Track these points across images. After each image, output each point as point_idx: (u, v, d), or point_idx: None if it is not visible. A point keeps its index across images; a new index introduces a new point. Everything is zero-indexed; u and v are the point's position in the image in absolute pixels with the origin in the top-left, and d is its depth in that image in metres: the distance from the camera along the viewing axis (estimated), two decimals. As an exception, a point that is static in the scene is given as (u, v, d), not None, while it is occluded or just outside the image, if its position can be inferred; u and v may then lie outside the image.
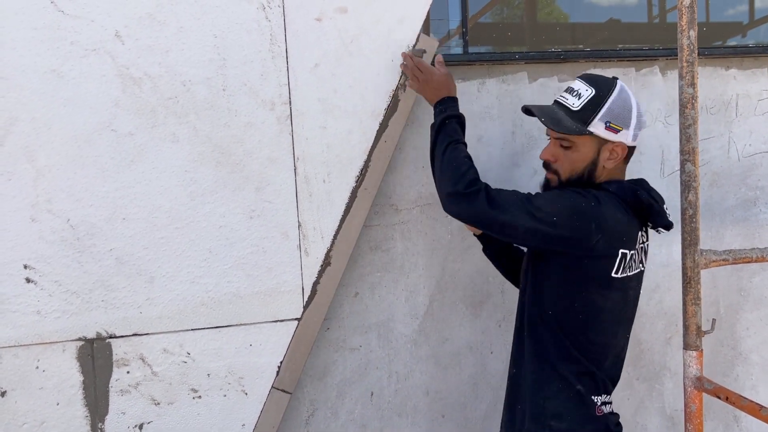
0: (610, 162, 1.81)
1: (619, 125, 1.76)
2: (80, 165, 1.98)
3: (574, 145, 1.81)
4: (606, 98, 1.77)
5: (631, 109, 1.78)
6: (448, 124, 1.90)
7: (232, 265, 2.11)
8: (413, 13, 2.22)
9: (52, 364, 2.01)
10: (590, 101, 1.77)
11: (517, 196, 1.72)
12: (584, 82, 1.81)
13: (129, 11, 1.99)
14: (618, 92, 1.78)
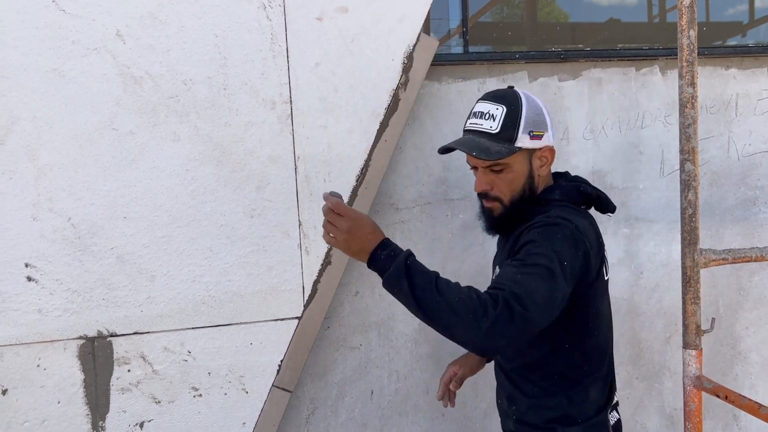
0: (544, 169, 1.73)
1: (540, 130, 1.68)
2: (81, 164, 1.98)
3: (507, 166, 1.68)
4: (520, 110, 1.67)
5: (542, 111, 1.71)
6: (413, 264, 1.46)
7: (232, 264, 2.11)
8: (413, 13, 2.22)
9: (53, 362, 2.01)
10: (507, 118, 1.66)
11: (523, 275, 1.46)
12: (490, 102, 1.70)
13: (130, 10, 1.99)
14: (526, 99, 1.69)
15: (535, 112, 1.69)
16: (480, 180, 1.73)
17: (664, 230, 2.68)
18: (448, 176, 2.47)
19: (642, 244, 2.66)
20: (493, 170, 1.70)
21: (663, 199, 2.67)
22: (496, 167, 1.69)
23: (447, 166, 2.47)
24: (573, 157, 2.58)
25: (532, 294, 1.40)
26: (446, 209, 2.48)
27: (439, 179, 2.46)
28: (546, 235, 1.57)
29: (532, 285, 1.43)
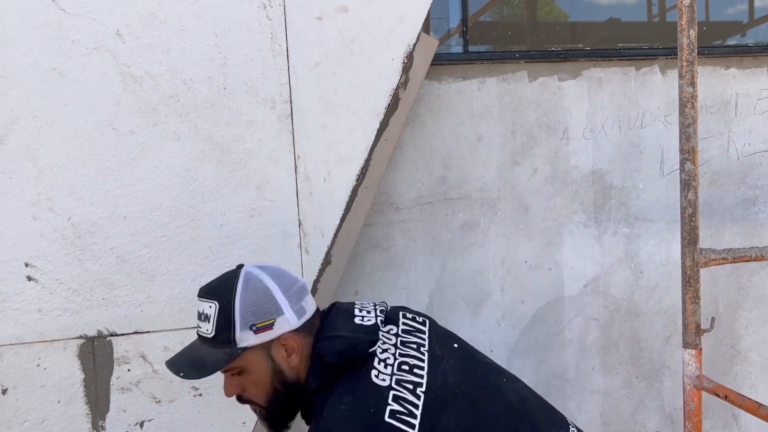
0: (294, 358, 1.42)
1: (266, 320, 1.38)
2: (81, 163, 1.98)
3: (244, 368, 1.42)
4: (233, 303, 1.38)
5: (269, 293, 1.40)
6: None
7: (233, 263, 2.10)
8: (414, 12, 2.22)
9: (53, 362, 2.01)
10: (219, 316, 1.38)
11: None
12: (204, 299, 1.43)
13: (130, 10, 1.99)
14: (243, 286, 1.39)
15: (256, 298, 1.39)
16: (226, 384, 1.47)
17: (663, 230, 2.68)
18: (448, 176, 2.47)
19: (642, 244, 2.66)
20: (234, 374, 1.44)
21: (663, 198, 2.67)
22: (233, 370, 1.43)
23: (447, 166, 2.47)
24: (573, 156, 2.58)
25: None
26: (446, 209, 2.48)
27: (439, 179, 2.46)
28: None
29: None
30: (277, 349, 1.41)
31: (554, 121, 2.56)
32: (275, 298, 1.40)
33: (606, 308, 2.66)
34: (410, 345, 1.43)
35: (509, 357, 2.56)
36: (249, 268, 1.45)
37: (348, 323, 1.43)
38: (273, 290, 1.41)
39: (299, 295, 1.44)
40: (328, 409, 1.30)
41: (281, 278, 1.44)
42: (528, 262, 2.57)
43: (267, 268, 1.46)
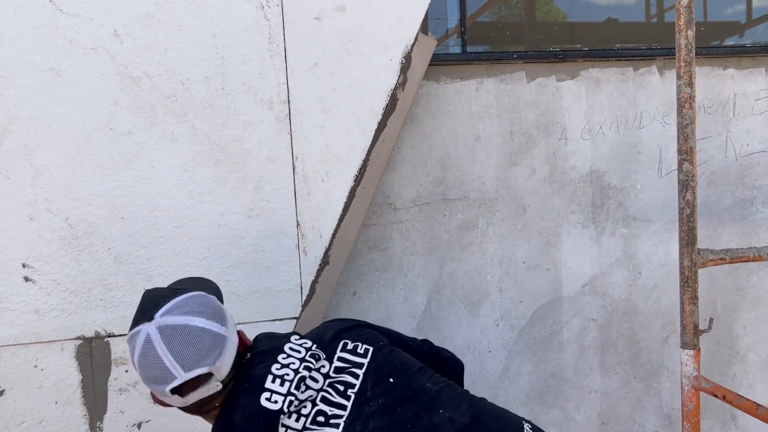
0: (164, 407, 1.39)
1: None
2: (79, 164, 1.98)
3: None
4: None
5: (136, 367, 1.31)
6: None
7: (230, 264, 2.11)
8: (412, 12, 2.22)
9: (51, 362, 2.00)
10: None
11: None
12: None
13: (128, 10, 1.98)
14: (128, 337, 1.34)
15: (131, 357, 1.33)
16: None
17: (662, 230, 2.68)
18: (446, 176, 2.47)
19: (640, 244, 2.66)
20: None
21: (661, 198, 2.67)
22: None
23: (445, 166, 2.47)
24: (571, 156, 2.58)
25: None
26: (444, 209, 2.48)
27: (437, 179, 2.46)
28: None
29: None
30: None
31: (552, 121, 2.56)
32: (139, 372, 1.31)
33: (604, 308, 2.66)
34: (337, 387, 1.39)
35: (507, 357, 2.56)
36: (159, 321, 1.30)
37: (250, 399, 1.32)
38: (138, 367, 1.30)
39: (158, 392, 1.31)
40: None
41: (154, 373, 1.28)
42: (526, 262, 2.57)
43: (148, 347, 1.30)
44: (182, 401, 1.30)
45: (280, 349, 1.39)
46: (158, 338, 1.27)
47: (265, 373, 1.34)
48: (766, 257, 2.05)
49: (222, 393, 1.34)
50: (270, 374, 1.34)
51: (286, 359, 1.37)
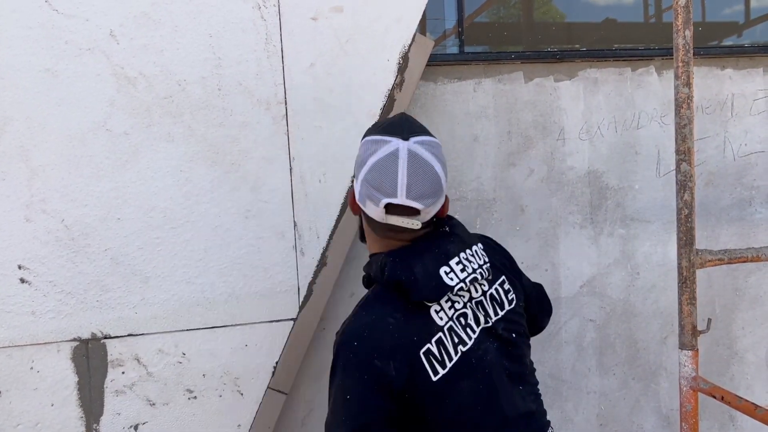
0: (363, 220, 1.51)
1: (355, 172, 1.47)
2: (75, 165, 1.97)
3: None
4: (365, 135, 1.47)
5: (362, 165, 1.41)
6: None
7: (227, 265, 2.10)
8: (409, 13, 2.21)
9: (47, 364, 2.00)
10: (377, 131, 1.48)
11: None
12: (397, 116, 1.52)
13: (124, 10, 1.98)
14: (372, 139, 1.42)
15: (361, 158, 1.43)
16: None
17: (660, 230, 2.68)
18: (443, 177, 2.46)
19: (638, 245, 2.66)
20: None
21: (659, 199, 2.67)
22: None
23: (443, 167, 2.46)
24: (568, 157, 2.58)
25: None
26: (442, 210, 2.47)
27: (434, 180, 2.45)
28: (333, 371, 1.39)
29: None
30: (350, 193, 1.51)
31: (550, 121, 2.56)
32: (361, 171, 1.40)
33: (602, 309, 2.66)
34: (482, 309, 1.47)
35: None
36: (410, 145, 1.39)
37: (429, 265, 1.40)
38: (365, 165, 1.39)
39: (370, 197, 1.39)
40: (377, 315, 1.37)
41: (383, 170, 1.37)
42: (524, 263, 2.57)
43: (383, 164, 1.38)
44: (381, 216, 1.39)
45: (470, 244, 1.48)
46: (405, 157, 1.37)
47: (455, 253, 1.43)
48: (764, 258, 2.04)
49: (408, 236, 1.43)
50: (457, 256, 1.43)
51: (471, 256, 1.46)
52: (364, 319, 1.38)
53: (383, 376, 1.32)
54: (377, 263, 1.43)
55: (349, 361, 1.35)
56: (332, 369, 1.37)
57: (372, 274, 1.46)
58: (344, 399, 1.33)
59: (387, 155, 1.38)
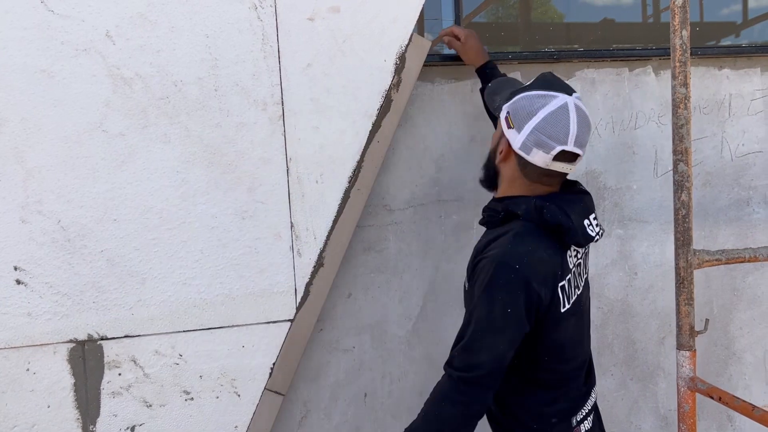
0: (500, 157, 1.70)
1: (513, 121, 1.64)
2: (71, 166, 1.97)
3: (495, 127, 1.80)
4: (524, 91, 1.65)
5: (531, 116, 1.60)
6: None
7: (224, 267, 2.10)
8: (406, 13, 2.21)
9: (43, 366, 1.99)
10: (518, 89, 1.69)
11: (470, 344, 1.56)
12: (542, 74, 1.73)
13: (120, 11, 1.97)
14: (535, 93, 1.62)
15: (526, 107, 1.62)
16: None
17: (657, 231, 2.68)
18: (440, 177, 2.46)
19: (636, 245, 2.66)
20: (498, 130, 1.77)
21: (657, 199, 2.67)
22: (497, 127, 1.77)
23: (440, 167, 2.46)
24: (566, 157, 2.57)
25: (477, 367, 1.53)
26: (439, 210, 2.47)
27: (431, 180, 2.45)
28: (489, 285, 1.55)
29: (481, 358, 1.54)
30: (502, 141, 1.69)
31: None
32: (528, 122, 1.60)
33: (600, 309, 2.66)
34: (584, 263, 1.80)
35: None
36: (561, 101, 1.60)
37: (578, 215, 1.65)
38: (534, 119, 1.60)
39: (539, 145, 1.60)
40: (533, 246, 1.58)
41: (554, 122, 1.59)
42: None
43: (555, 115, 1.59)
44: (546, 162, 1.61)
45: (589, 210, 1.73)
46: (573, 110, 1.59)
47: (592, 210, 1.73)
48: (761, 258, 2.04)
49: (556, 182, 1.69)
50: (593, 213, 1.72)
51: (594, 219, 1.72)
52: (523, 248, 1.57)
53: (536, 299, 1.55)
54: (527, 204, 1.63)
55: (511, 280, 1.53)
56: (488, 284, 1.54)
57: (520, 213, 1.64)
58: (504, 311, 1.52)
59: (558, 108, 1.59)
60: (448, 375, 1.57)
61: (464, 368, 1.53)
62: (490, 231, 1.73)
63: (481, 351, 1.54)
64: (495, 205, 1.74)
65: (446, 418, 1.54)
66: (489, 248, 1.62)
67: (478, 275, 1.59)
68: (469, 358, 1.54)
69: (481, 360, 1.53)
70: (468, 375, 1.53)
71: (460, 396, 1.54)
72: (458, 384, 1.54)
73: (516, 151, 1.64)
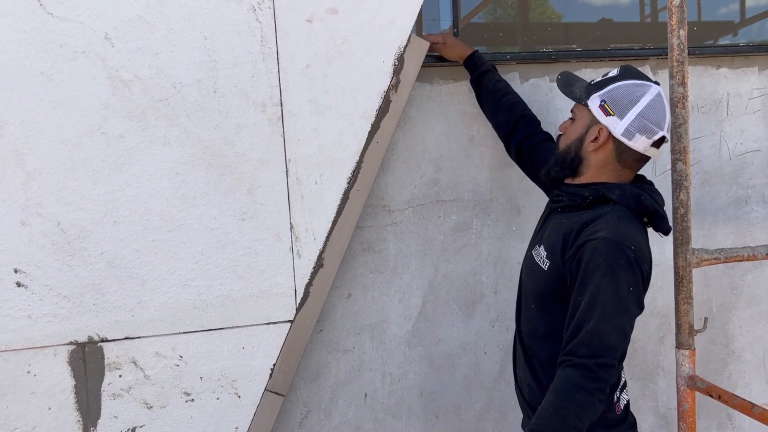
0: (592, 145, 1.78)
1: (612, 109, 1.74)
2: (70, 168, 1.97)
3: (576, 117, 1.85)
4: (617, 80, 1.76)
5: (634, 103, 1.72)
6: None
7: (224, 268, 2.10)
8: (404, 14, 2.22)
9: (44, 368, 2.00)
10: (605, 79, 1.79)
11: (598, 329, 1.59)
12: (618, 68, 1.83)
13: (118, 13, 1.98)
14: (631, 82, 1.75)
15: (627, 95, 1.73)
16: (565, 121, 1.92)
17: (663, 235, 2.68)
18: (440, 178, 2.46)
19: (635, 244, 2.66)
20: (571, 118, 1.89)
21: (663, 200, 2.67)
22: (573, 115, 1.88)
23: (439, 168, 2.46)
24: (565, 157, 2.58)
25: (611, 349, 1.59)
26: (438, 211, 2.47)
27: (431, 181, 2.46)
28: (610, 266, 1.61)
29: (612, 340, 1.59)
30: (593, 129, 1.78)
31: (546, 122, 2.55)
32: (632, 108, 1.73)
33: (599, 309, 2.66)
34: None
35: (503, 359, 2.56)
36: (655, 89, 1.77)
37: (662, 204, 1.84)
38: (637, 105, 1.73)
39: (643, 131, 1.74)
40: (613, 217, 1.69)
41: (654, 108, 1.74)
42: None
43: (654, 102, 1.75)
44: (644, 147, 1.75)
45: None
46: (663, 99, 1.76)
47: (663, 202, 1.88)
48: (760, 256, 2.05)
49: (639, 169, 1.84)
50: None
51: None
52: (631, 231, 1.67)
53: (646, 279, 1.68)
54: (622, 190, 1.74)
55: (630, 260, 1.61)
56: (609, 266, 1.61)
57: (614, 198, 1.73)
58: (629, 291, 1.61)
59: (656, 96, 1.74)
60: (575, 365, 1.57)
61: (597, 353, 1.56)
62: (571, 215, 1.79)
63: (611, 333, 1.58)
64: (578, 190, 1.81)
65: (583, 407, 1.55)
66: (591, 230, 1.68)
67: (590, 257, 1.63)
68: (601, 342, 1.57)
69: (613, 342, 1.58)
70: (602, 360, 1.56)
71: (595, 383, 1.55)
72: (592, 371, 1.55)
73: (617, 137, 1.74)
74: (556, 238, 1.76)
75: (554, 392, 1.59)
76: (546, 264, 1.78)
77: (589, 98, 1.78)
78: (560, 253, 1.73)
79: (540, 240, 1.88)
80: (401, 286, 2.45)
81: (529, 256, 1.91)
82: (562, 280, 1.73)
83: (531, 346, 1.88)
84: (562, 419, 1.55)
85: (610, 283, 1.60)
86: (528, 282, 1.91)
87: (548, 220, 1.90)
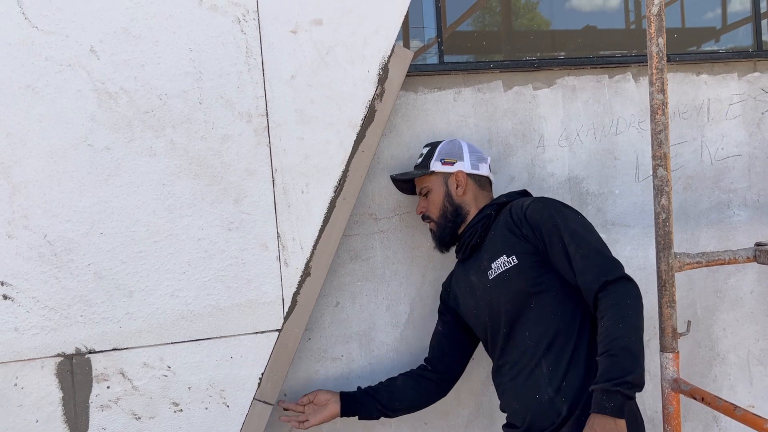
0: (459, 190, 2.20)
1: (452, 159, 2.20)
2: (57, 180, 1.98)
3: (430, 189, 2.22)
4: (437, 146, 2.25)
5: (460, 148, 2.23)
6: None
7: (211, 278, 2.11)
8: (388, 24, 2.24)
9: (31, 381, 1.99)
10: (428, 153, 2.25)
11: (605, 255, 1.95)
12: (425, 147, 2.30)
13: (104, 26, 1.99)
14: (446, 142, 2.26)
15: (451, 147, 2.24)
16: (418, 206, 2.29)
17: (640, 234, 2.71)
18: (426, 185, 2.48)
19: (619, 249, 2.69)
20: (423, 194, 2.25)
21: (639, 203, 2.71)
22: (423, 190, 2.24)
23: (425, 176, 2.48)
24: (549, 164, 2.61)
25: (615, 260, 1.95)
26: (425, 218, 2.49)
27: (417, 189, 2.47)
28: (556, 209, 2.00)
29: (609, 253, 1.96)
30: (452, 181, 2.21)
31: (530, 129, 2.59)
32: (462, 152, 2.23)
33: (586, 314, 2.68)
34: None
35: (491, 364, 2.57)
36: (458, 140, 2.29)
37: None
38: (463, 147, 2.24)
39: (481, 160, 2.25)
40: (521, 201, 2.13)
41: (472, 146, 2.28)
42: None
43: (468, 144, 2.29)
44: (487, 171, 2.30)
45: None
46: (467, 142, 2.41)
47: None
48: (741, 260, 2.08)
49: (491, 187, 2.36)
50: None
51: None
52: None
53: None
54: (503, 196, 2.23)
55: (562, 202, 2.08)
56: (558, 208, 2.01)
57: (506, 200, 2.19)
58: (581, 215, 2.05)
59: (463, 141, 2.29)
60: (622, 279, 1.87)
61: (621, 267, 1.91)
62: (491, 230, 2.15)
63: (604, 246, 1.96)
64: (478, 220, 2.18)
65: (641, 308, 1.88)
66: (519, 205, 2.08)
67: (539, 215, 2.00)
68: (613, 258, 1.93)
69: (610, 254, 1.95)
70: (624, 271, 1.90)
71: (637, 289, 1.88)
72: (631, 280, 1.89)
73: (470, 173, 2.22)
74: (503, 239, 2.06)
75: (622, 303, 1.83)
76: (512, 258, 2.02)
77: (431, 166, 2.20)
78: (517, 237, 2.02)
79: (486, 260, 2.10)
80: (389, 294, 2.47)
81: (486, 282, 2.10)
82: (535, 250, 2.00)
83: (534, 358, 2.03)
84: (637, 319, 1.85)
85: (573, 215, 2.00)
86: (500, 300, 2.06)
87: (475, 255, 2.19)
